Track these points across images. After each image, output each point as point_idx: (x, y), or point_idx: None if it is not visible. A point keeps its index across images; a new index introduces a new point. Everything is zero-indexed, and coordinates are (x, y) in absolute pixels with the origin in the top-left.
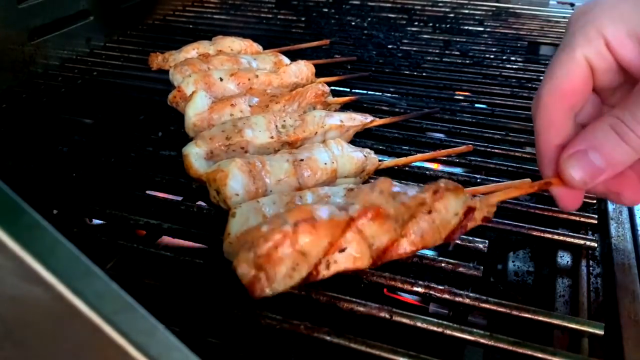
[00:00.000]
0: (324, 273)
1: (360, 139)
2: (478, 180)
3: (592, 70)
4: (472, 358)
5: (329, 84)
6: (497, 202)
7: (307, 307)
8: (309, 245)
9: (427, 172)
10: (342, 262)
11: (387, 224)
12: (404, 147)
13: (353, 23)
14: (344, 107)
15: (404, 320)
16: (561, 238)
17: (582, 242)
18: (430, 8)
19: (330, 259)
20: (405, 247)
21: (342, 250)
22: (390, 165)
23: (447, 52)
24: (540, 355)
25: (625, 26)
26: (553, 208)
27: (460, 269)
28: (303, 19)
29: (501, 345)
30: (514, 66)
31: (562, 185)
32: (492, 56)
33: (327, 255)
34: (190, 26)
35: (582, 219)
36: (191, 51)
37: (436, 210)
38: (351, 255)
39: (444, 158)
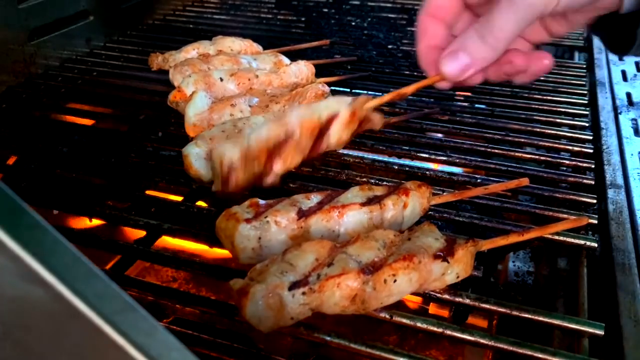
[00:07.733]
0: None
1: (360, 139)
2: (478, 180)
3: None
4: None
5: (329, 84)
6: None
7: None
8: None
9: (427, 173)
10: None
11: None
12: (404, 148)
13: (353, 23)
14: None
15: (404, 320)
16: (561, 238)
17: (582, 242)
18: None
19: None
20: None
21: None
22: (376, 104)
23: None
24: (540, 355)
25: None
26: (553, 208)
27: None
28: (303, 19)
29: (501, 345)
30: None
31: (443, 79)
32: None
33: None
34: (191, 26)
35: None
36: (191, 51)
37: None
38: None
39: (444, 158)
